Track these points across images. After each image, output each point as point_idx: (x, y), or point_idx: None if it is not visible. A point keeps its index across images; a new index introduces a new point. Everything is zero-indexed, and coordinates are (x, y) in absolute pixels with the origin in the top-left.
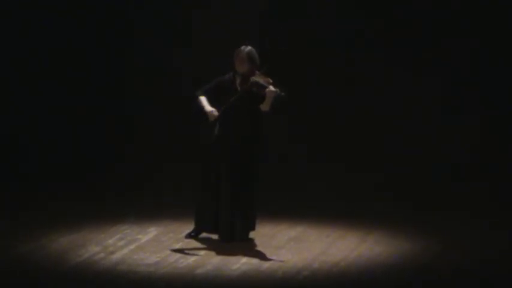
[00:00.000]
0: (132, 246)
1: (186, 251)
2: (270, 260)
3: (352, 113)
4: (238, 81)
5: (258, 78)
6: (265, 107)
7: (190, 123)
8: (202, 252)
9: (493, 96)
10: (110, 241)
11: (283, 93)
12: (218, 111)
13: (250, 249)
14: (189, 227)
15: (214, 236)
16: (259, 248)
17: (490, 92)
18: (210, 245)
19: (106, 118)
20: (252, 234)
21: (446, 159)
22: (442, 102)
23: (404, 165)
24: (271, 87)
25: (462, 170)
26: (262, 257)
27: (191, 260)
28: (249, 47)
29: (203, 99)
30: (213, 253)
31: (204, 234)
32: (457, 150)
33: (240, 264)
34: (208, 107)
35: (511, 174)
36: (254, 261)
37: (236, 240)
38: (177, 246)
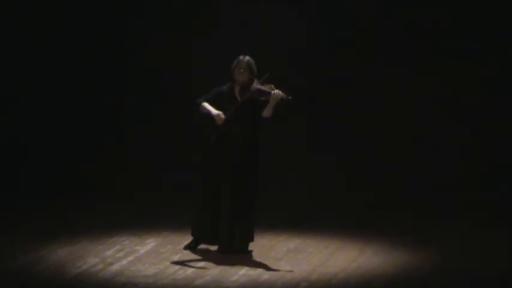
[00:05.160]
0: (130, 258)
1: (185, 263)
2: (268, 271)
3: (351, 122)
4: (237, 90)
5: (260, 86)
6: (267, 112)
7: (191, 133)
8: (201, 264)
9: (494, 102)
10: (109, 252)
11: (290, 97)
12: (225, 114)
13: (248, 260)
14: (188, 238)
15: (213, 248)
16: (257, 260)
17: (488, 99)
18: (208, 257)
19: (105, 127)
20: (250, 246)
21: (446, 168)
22: (441, 110)
23: (404, 174)
24: (278, 91)
25: (463, 179)
26: (261, 268)
27: (190, 271)
28: (248, 57)
29: (206, 105)
30: (211, 264)
31: (202, 246)
32: (457, 159)
33: (238, 275)
34: (214, 111)
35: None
36: (253, 273)
37: (235, 251)
38: (176, 257)
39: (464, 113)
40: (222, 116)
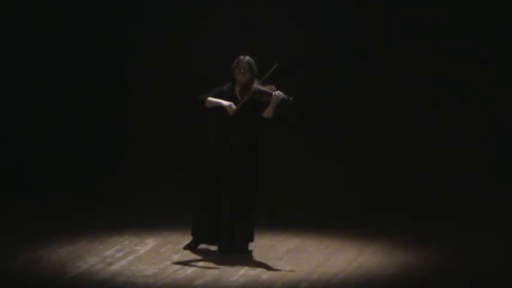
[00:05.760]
0: (130, 258)
1: (185, 263)
2: (268, 271)
3: (352, 122)
4: (238, 90)
5: (261, 86)
6: (268, 113)
7: (188, 133)
8: (200, 264)
9: (494, 101)
10: (109, 252)
11: (291, 98)
12: (236, 105)
13: (248, 260)
14: (188, 238)
15: (213, 248)
16: (257, 260)
17: (488, 98)
18: (208, 256)
19: (105, 128)
20: (250, 246)
21: (446, 168)
22: (441, 110)
23: (404, 174)
24: (279, 92)
25: (463, 179)
26: (261, 268)
27: (190, 271)
28: (248, 57)
29: (213, 98)
30: (211, 264)
31: (202, 246)
32: (457, 159)
33: (238, 275)
34: (225, 102)
35: (510, 182)
36: (253, 273)
37: (235, 251)
38: (176, 257)
39: (464, 113)
40: (234, 106)
